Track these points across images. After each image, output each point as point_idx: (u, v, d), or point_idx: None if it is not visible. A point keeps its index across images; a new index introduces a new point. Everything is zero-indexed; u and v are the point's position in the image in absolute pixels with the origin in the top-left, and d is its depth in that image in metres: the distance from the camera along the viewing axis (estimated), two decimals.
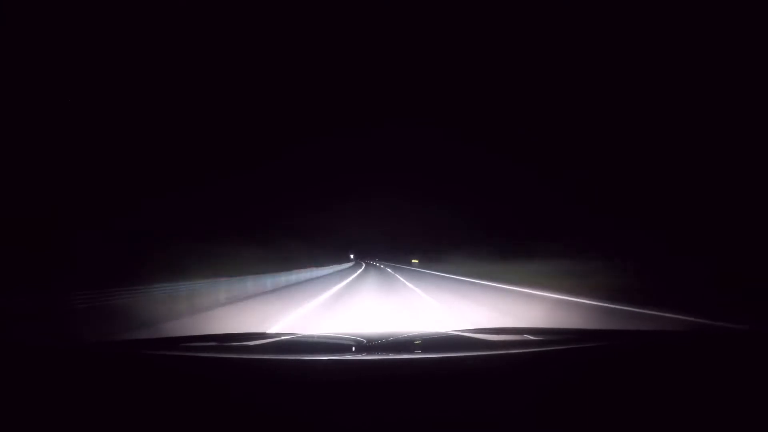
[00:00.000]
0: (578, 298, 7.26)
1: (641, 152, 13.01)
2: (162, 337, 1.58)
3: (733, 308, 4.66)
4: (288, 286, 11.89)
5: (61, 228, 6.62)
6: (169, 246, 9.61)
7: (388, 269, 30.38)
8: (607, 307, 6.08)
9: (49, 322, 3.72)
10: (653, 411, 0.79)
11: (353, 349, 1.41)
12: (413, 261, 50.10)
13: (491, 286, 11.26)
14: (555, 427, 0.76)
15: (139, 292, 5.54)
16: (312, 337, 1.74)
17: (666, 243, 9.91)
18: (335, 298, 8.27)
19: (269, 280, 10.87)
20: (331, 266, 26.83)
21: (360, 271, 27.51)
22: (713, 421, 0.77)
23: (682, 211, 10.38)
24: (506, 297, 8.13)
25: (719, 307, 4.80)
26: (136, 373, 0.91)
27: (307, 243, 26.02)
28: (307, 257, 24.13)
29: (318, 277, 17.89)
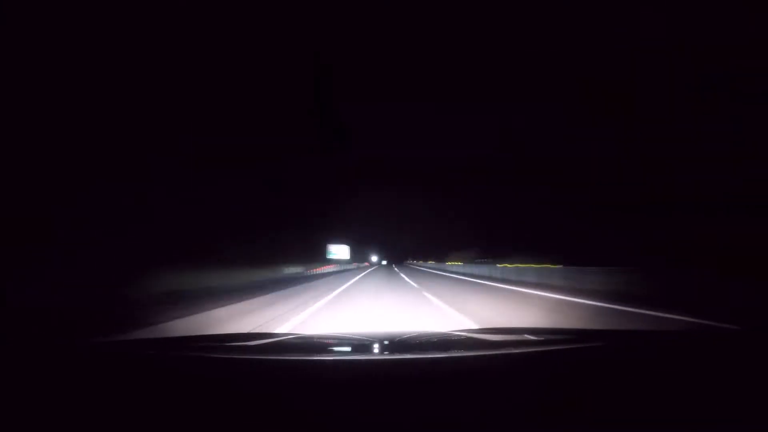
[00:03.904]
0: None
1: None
2: (163, 337, 1.58)
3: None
4: None
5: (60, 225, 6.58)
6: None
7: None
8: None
9: (50, 319, 3.72)
10: (653, 410, 0.79)
11: (355, 349, 1.42)
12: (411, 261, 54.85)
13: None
14: (555, 426, 0.76)
15: None
16: (313, 337, 1.74)
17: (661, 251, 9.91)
18: None
19: None
20: None
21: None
22: (712, 420, 0.77)
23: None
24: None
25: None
26: (137, 373, 0.92)
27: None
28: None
29: None
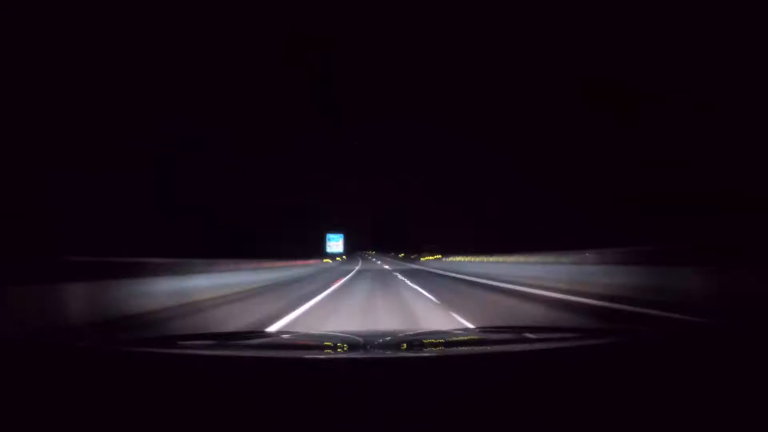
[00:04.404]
0: None
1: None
2: (160, 335, 1.58)
3: None
4: None
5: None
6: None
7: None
8: None
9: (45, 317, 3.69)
10: (653, 408, 0.79)
11: (351, 347, 1.41)
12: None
13: None
14: (555, 425, 0.76)
15: None
16: (311, 335, 1.74)
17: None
18: None
19: None
20: None
21: None
22: (712, 420, 0.77)
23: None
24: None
25: None
26: (134, 372, 0.91)
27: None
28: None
29: None
